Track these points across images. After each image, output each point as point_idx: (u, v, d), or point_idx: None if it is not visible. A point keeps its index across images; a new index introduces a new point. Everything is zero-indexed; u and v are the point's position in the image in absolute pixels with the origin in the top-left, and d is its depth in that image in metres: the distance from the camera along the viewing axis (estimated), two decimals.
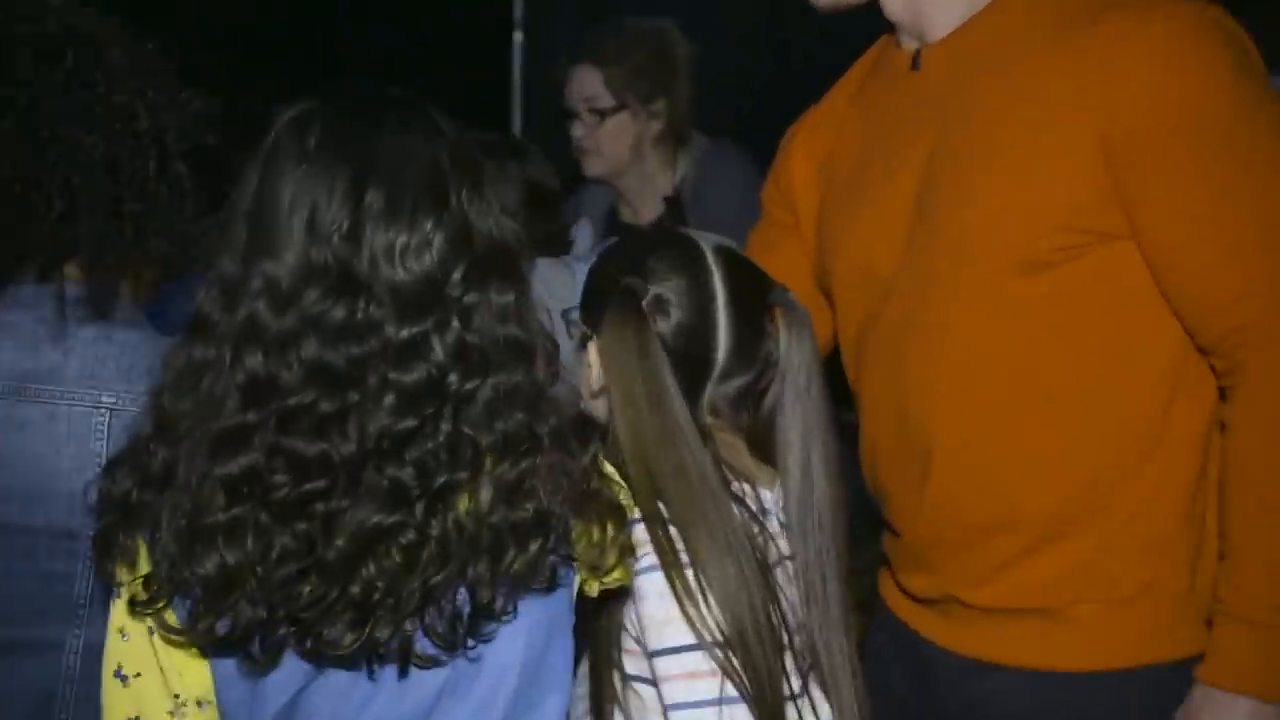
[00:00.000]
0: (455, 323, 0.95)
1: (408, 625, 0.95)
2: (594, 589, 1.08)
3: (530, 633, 1.00)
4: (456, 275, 0.95)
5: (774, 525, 1.12)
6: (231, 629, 0.93)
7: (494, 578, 0.97)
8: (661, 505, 1.06)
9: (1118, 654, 1.14)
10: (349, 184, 0.94)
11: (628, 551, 1.07)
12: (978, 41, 1.22)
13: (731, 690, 1.04)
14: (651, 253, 1.15)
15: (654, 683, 1.08)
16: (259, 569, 0.93)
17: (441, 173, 0.96)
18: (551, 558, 0.99)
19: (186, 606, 0.95)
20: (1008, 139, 1.16)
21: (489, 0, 4.45)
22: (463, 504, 0.97)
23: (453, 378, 0.95)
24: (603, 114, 2.21)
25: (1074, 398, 1.16)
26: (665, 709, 1.06)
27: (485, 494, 0.96)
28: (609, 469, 1.08)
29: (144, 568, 0.96)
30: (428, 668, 0.98)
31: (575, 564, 1.02)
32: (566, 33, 4.19)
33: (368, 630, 0.94)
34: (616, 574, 1.08)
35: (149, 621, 0.99)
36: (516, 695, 1.01)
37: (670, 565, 1.05)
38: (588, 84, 2.22)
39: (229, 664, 0.99)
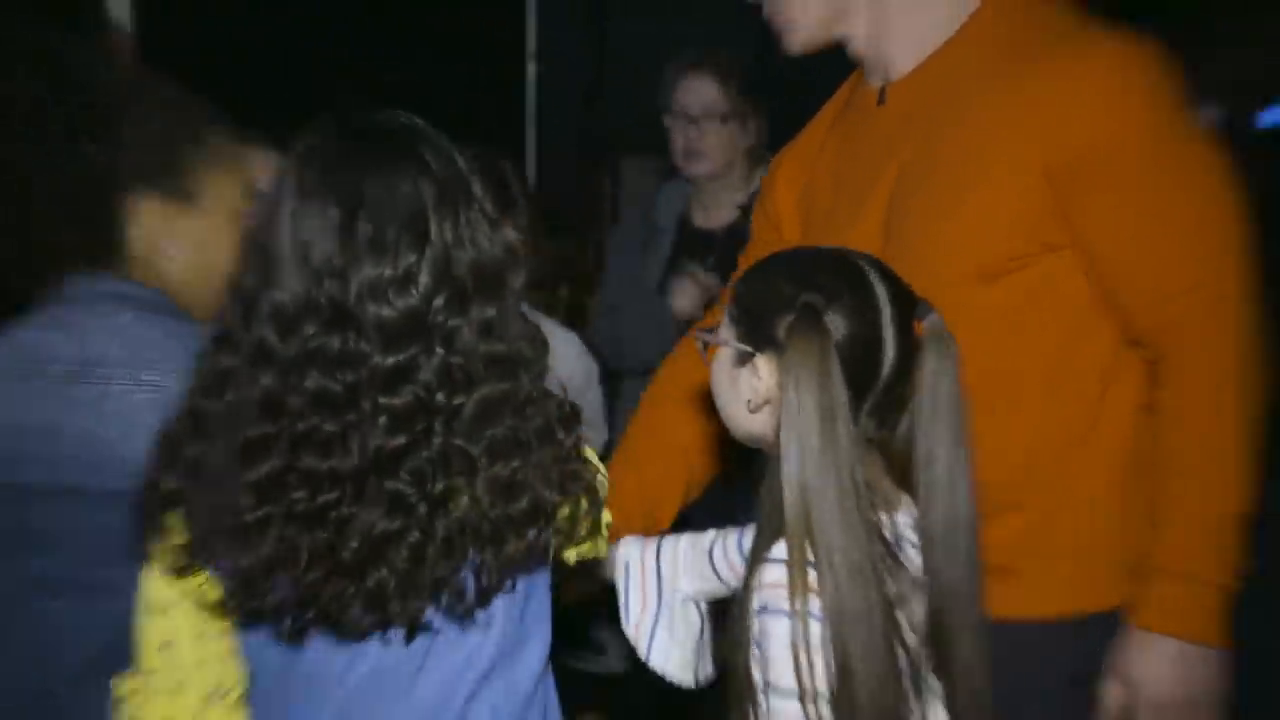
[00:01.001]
0: (439, 348, 0.97)
1: (418, 605, 0.99)
2: (571, 556, 1.14)
3: (515, 592, 1.06)
4: (438, 303, 0.97)
5: (908, 551, 1.07)
6: (261, 609, 0.99)
7: (497, 563, 1.01)
8: (807, 539, 1.01)
9: (1058, 604, 1.26)
10: (338, 221, 0.96)
11: (599, 528, 1.11)
12: (934, 78, 1.31)
13: None
14: (818, 269, 1.11)
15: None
16: (289, 567, 0.96)
17: (424, 209, 0.97)
18: (543, 536, 1.03)
19: (222, 584, 1.00)
20: (966, 168, 1.24)
21: (504, 32, 4.54)
22: (464, 502, 1.00)
23: (440, 397, 0.97)
24: (721, 119, 2.40)
25: (1027, 390, 1.26)
26: None
27: (482, 492, 0.99)
28: (589, 452, 1.11)
29: (178, 539, 1.00)
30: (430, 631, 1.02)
31: (552, 532, 1.05)
32: (580, 65, 4.31)
33: (381, 615, 0.98)
34: (587, 547, 1.13)
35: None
36: (503, 641, 1.07)
37: (799, 615, 1.00)
38: (708, 91, 2.41)
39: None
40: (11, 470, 1.18)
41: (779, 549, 1.01)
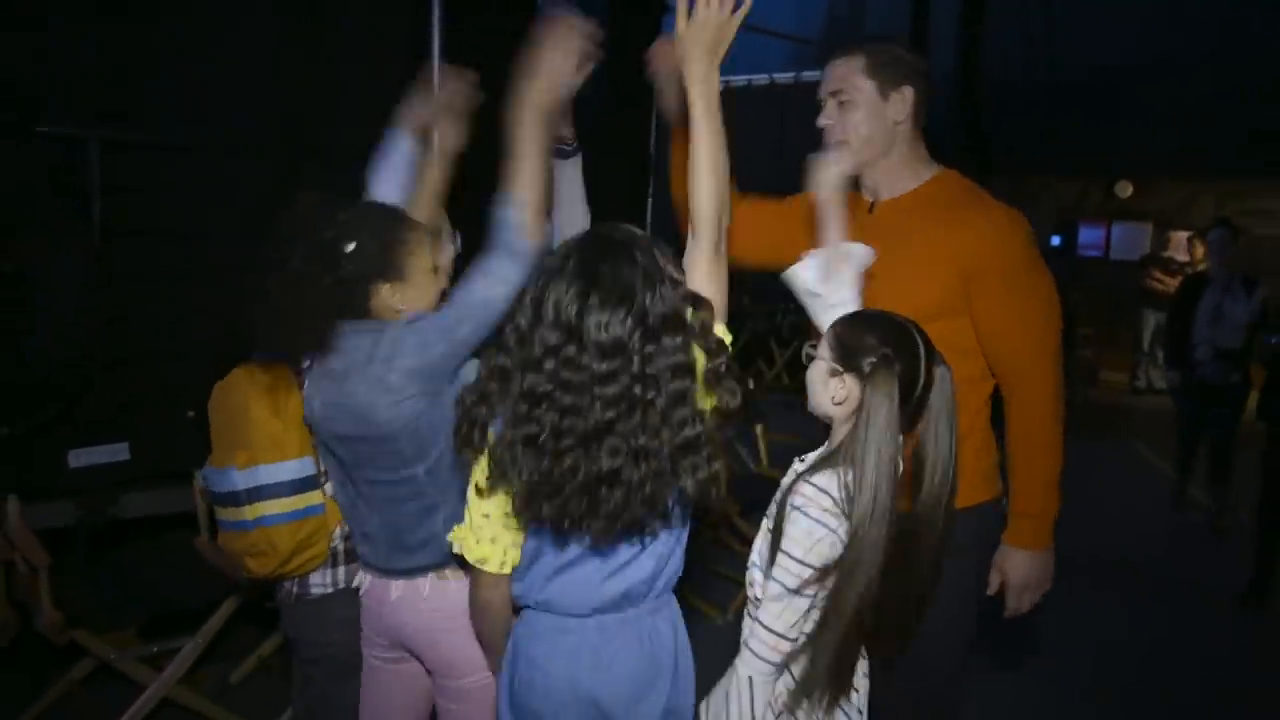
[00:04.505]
0: (635, 362, 1.32)
1: (618, 526, 1.37)
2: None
3: (675, 515, 1.45)
4: (635, 336, 1.32)
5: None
6: (535, 517, 1.39)
7: (676, 502, 1.38)
8: (859, 482, 1.46)
9: (971, 497, 1.88)
10: (581, 290, 1.33)
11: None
12: (908, 205, 1.99)
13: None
14: (889, 330, 1.57)
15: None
16: (550, 489, 1.33)
17: (633, 286, 1.34)
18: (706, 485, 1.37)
19: (513, 500, 1.39)
20: (920, 255, 1.89)
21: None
22: (654, 459, 1.34)
23: (637, 390, 1.32)
24: None
25: (960, 389, 1.66)
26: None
27: (666, 450, 1.34)
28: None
29: (484, 464, 1.42)
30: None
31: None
32: None
33: (609, 526, 1.37)
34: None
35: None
36: (662, 549, 1.49)
37: (819, 521, 1.46)
38: None
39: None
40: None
41: (820, 478, 1.50)
